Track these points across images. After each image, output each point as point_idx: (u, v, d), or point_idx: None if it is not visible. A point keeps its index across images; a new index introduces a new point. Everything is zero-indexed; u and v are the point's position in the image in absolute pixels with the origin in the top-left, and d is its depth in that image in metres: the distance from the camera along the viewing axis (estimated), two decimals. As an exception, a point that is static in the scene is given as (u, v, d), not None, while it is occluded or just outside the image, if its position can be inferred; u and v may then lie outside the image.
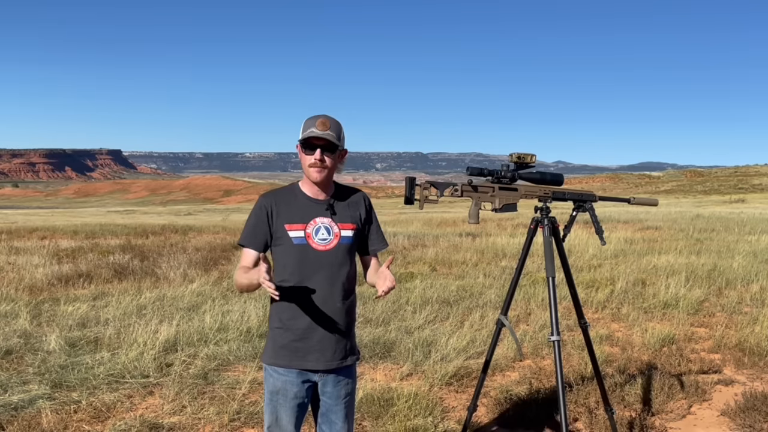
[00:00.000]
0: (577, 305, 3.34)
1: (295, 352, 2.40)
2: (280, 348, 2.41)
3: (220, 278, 8.80)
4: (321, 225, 2.39)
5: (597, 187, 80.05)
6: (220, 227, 18.61)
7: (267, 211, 2.39)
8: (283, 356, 2.40)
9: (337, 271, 2.40)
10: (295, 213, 2.39)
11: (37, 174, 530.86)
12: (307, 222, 2.38)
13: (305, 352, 2.39)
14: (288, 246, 2.37)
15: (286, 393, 2.41)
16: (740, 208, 30.22)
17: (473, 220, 3.06)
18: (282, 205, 2.40)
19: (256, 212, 2.40)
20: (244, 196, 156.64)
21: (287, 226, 2.37)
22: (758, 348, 5.29)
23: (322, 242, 2.38)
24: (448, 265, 10.22)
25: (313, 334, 2.39)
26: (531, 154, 3.01)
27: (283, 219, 2.38)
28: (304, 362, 2.40)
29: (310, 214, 2.39)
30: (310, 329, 2.38)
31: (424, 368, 4.82)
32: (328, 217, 2.41)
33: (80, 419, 3.89)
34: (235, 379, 4.55)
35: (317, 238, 2.38)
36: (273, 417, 2.45)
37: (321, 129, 2.31)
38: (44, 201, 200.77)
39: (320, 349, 2.40)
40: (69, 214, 40.16)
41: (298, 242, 2.36)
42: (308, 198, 2.42)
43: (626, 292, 7.64)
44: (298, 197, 2.42)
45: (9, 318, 6.28)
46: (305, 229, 2.38)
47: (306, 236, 2.37)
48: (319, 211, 2.41)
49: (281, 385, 2.42)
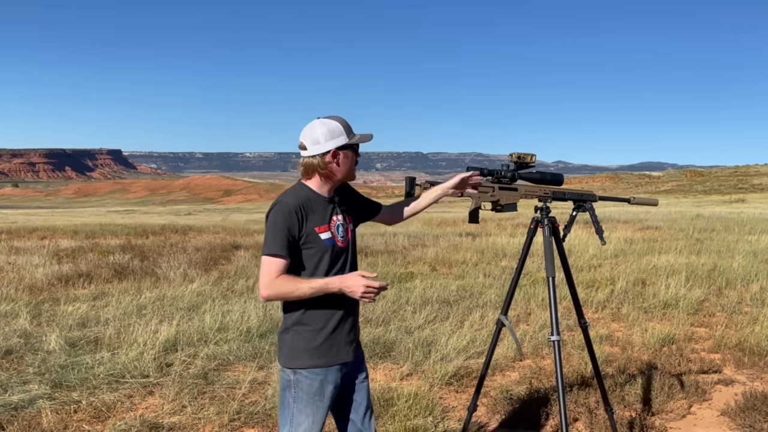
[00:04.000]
0: (577, 305, 3.34)
1: (330, 349, 2.44)
2: (314, 349, 2.42)
3: (220, 278, 8.79)
4: (339, 223, 2.47)
5: (597, 187, 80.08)
6: (220, 227, 18.61)
7: (298, 215, 2.35)
8: (320, 356, 2.43)
9: (352, 264, 2.51)
10: (319, 215, 2.42)
11: (37, 174, 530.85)
12: (329, 222, 2.44)
13: (338, 347, 2.46)
14: (320, 248, 2.39)
15: (323, 392, 2.44)
16: (740, 208, 30.21)
17: (473, 220, 3.06)
18: (309, 209, 2.40)
19: (285, 217, 2.33)
20: (244, 196, 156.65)
21: (317, 229, 2.39)
22: (758, 348, 5.29)
23: (342, 239, 2.47)
24: (448, 265, 10.22)
25: (343, 329, 2.47)
26: (531, 154, 3.01)
27: (312, 222, 2.39)
28: (338, 357, 2.46)
29: (328, 214, 2.45)
30: (341, 324, 2.46)
31: (424, 368, 4.82)
32: (341, 214, 2.50)
33: (80, 419, 3.89)
34: (235, 379, 4.55)
35: (339, 236, 2.46)
36: (311, 419, 2.44)
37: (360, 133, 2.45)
38: (44, 201, 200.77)
39: (349, 341, 2.50)
40: (69, 214, 40.16)
41: (329, 243, 2.41)
42: (323, 198, 2.45)
43: (626, 292, 7.64)
44: (315, 199, 2.44)
45: (9, 318, 6.28)
46: (330, 229, 2.43)
47: (333, 236, 2.43)
48: (334, 210, 2.48)
49: (319, 386, 2.43)
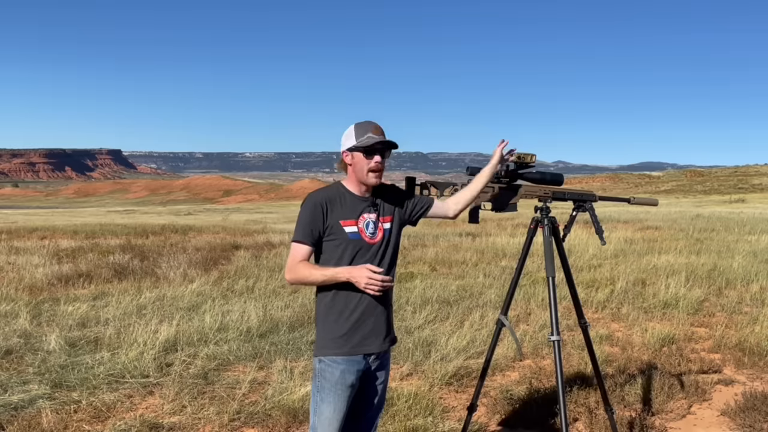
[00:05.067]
0: (577, 305, 3.34)
1: (354, 339, 2.56)
2: (338, 338, 2.56)
3: (220, 278, 8.79)
4: (369, 220, 2.60)
5: (597, 187, 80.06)
6: (220, 227, 18.62)
7: (322, 208, 2.54)
8: (343, 345, 2.55)
9: (382, 260, 2.60)
10: (346, 210, 2.57)
11: (37, 174, 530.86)
12: (357, 218, 2.58)
13: (363, 337, 2.57)
14: (343, 240, 2.54)
15: (345, 382, 2.55)
16: (740, 208, 30.23)
17: (473, 220, 3.06)
18: (334, 203, 2.57)
19: (310, 209, 2.54)
20: (244, 196, 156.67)
21: (342, 222, 2.55)
22: (758, 348, 5.29)
23: (371, 236, 2.59)
24: (448, 265, 10.22)
25: (368, 320, 2.57)
26: (531, 154, 3.01)
27: (336, 215, 2.55)
28: (362, 347, 2.58)
29: (359, 211, 2.59)
30: (365, 315, 2.56)
31: (424, 368, 4.82)
32: (373, 213, 2.61)
33: (80, 419, 3.89)
34: (235, 379, 4.55)
35: (368, 232, 2.58)
36: (332, 407, 2.56)
37: (379, 134, 2.53)
38: (44, 201, 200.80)
39: (375, 333, 2.60)
40: (69, 214, 40.17)
41: (354, 237, 2.55)
42: (355, 196, 2.60)
43: (626, 292, 7.64)
44: (345, 196, 2.60)
45: (9, 318, 6.28)
46: (357, 224, 2.57)
47: (359, 231, 2.56)
48: (365, 207, 2.60)
49: (340, 375, 2.55)
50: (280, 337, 5.59)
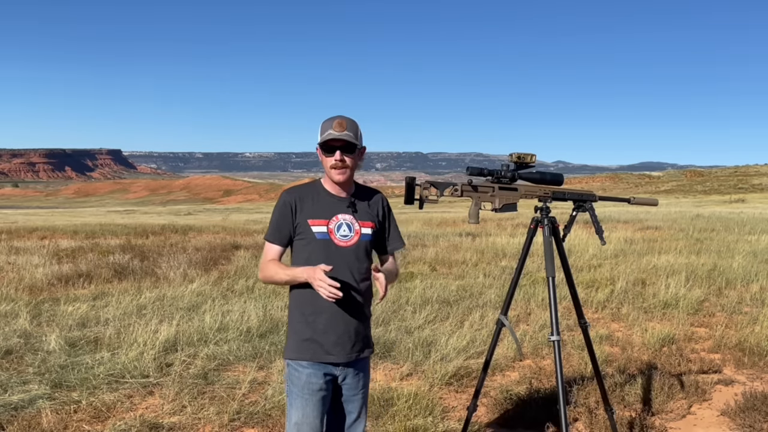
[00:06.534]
0: (577, 305, 3.34)
1: (319, 346, 2.45)
2: (303, 342, 2.46)
3: (220, 278, 8.79)
4: (343, 222, 2.48)
5: (597, 187, 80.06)
6: (220, 227, 18.60)
7: (291, 206, 2.46)
8: (307, 350, 2.46)
9: (356, 267, 2.48)
10: (318, 209, 2.46)
11: (37, 174, 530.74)
12: (329, 218, 2.46)
13: (328, 345, 2.46)
14: (311, 240, 2.44)
15: (311, 386, 2.45)
16: (740, 208, 30.22)
17: (473, 219, 3.06)
18: (305, 201, 2.47)
19: (279, 208, 2.47)
20: (244, 196, 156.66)
21: (310, 221, 2.45)
22: (758, 348, 5.29)
23: (343, 238, 2.46)
24: (448, 264, 10.22)
25: (335, 328, 2.46)
26: (531, 154, 3.01)
27: (306, 214, 2.45)
28: (327, 355, 2.46)
29: (333, 211, 2.48)
30: (331, 323, 2.45)
31: (424, 368, 4.82)
32: (350, 214, 2.49)
33: (80, 419, 3.89)
34: (235, 379, 4.55)
35: (339, 234, 2.46)
36: (300, 412, 2.46)
37: (338, 130, 2.39)
38: (44, 201, 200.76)
39: (341, 342, 2.47)
40: (69, 214, 40.16)
41: (321, 237, 2.44)
42: (330, 195, 2.50)
43: (626, 292, 7.64)
44: (320, 194, 2.50)
45: (9, 318, 6.28)
46: (328, 224, 2.45)
47: (329, 232, 2.45)
48: (341, 208, 2.49)
49: (306, 379, 2.45)
50: (280, 337, 5.59)
